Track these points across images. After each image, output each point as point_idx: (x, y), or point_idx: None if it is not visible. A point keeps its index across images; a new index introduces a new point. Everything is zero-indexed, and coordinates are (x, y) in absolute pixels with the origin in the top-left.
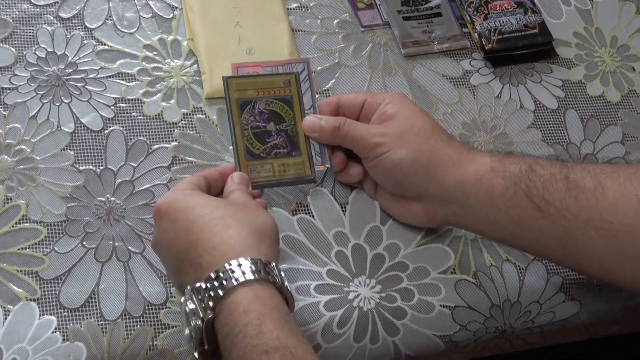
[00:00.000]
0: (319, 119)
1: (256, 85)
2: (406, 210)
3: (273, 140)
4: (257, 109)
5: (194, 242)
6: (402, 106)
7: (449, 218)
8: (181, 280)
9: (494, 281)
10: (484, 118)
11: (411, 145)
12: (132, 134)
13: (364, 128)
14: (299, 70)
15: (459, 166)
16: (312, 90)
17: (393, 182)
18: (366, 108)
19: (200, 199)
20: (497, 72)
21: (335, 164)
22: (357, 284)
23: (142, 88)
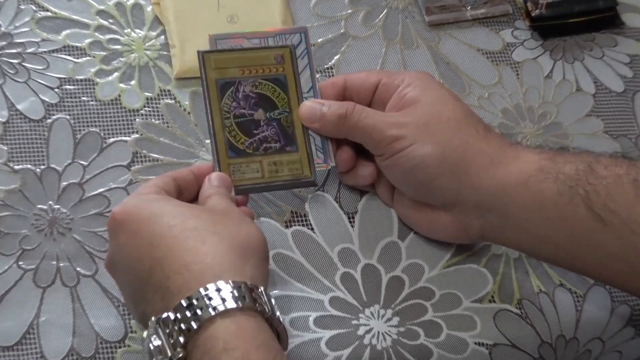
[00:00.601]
0: (320, 104)
1: (240, 62)
2: (431, 221)
3: (262, 132)
4: (241, 93)
5: (161, 261)
6: (426, 89)
7: (486, 232)
8: (143, 309)
9: (543, 312)
10: (530, 104)
11: (438, 139)
12: (82, 124)
13: (377, 117)
14: (295, 42)
15: (498, 166)
16: (311, 68)
17: (415, 185)
18: (381, 91)
19: (169, 205)
20: (546, 45)
21: (341, 163)
22: (369, 315)
23: (95, 66)
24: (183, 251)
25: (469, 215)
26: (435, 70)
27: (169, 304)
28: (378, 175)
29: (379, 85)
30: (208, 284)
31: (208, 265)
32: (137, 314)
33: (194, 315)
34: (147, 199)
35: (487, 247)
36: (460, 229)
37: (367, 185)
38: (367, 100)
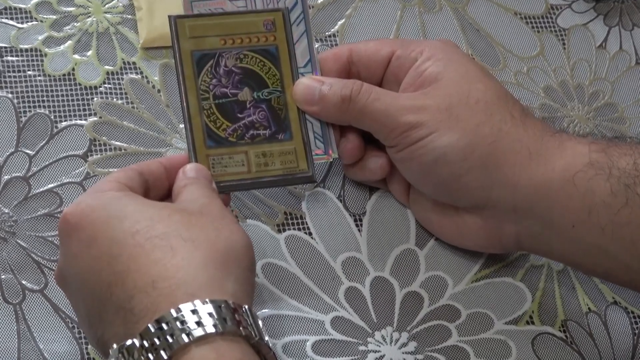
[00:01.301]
0: (319, 82)
1: (221, 29)
2: (456, 226)
3: (248, 116)
4: (222, 67)
5: (122, 276)
6: (450, 63)
7: (523, 241)
8: (102, 333)
9: (593, 336)
10: (579, 80)
11: (464, 127)
12: (27, 105)
13: (389, 99)
14: (290, 5)
15: (538, 159)
16: (309, 37)
17: (436, 184)
18: (394, 65)
19: (132, 205)
20: (599, 8)
21: (345, 154)
22: (380, 339)
23: (43, 32)
24: (149, 264)
25: (502, 220)
26: (462, 38)
27: (133, 329)
28: (391, 169)
29: (393, 58)
30: (181, 304)
31: (180, 281)
32: (94, 339)
33: (165, 342)
34: (106, 198)
35: (524, 257)
36: (492, 236)
37: (377, 180)
38: (377, 77)
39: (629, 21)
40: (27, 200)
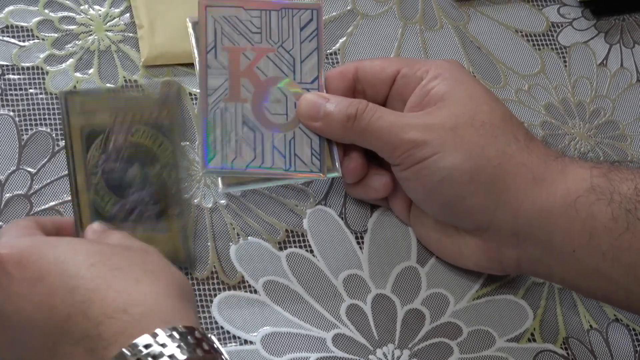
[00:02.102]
0: (324, 99)
1: (112, 105)
2: (457, 246)
3: (138, 191)
4: (113, 143)
5: (84, 306)
6: (456, 83)
7: (524, 264)
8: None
9: (595, 353)
10: (580, 97)
11: (469, 148)
12: (29, 123)
13: (394, 117)
14: (304, 21)
15: (542, 184)
16: (319, 55)
17: (440, 205)
18: (400, 84)
19: (78, 244)
20: (600, 26)
21: (349, 173)
22: (382, 357)
23: (45, 50)
24: (114, 293)
25: (504, 243)
26: (463, 56)
27: (101, 355)
28: (394, 187)
29: (398, 76)
30: (156, 328)
31: (150, 308)
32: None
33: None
34: (44, 238)
35: (525, 275)
36: (493, 259)
37: (380, 199)
38: (382, 95)
39: (630, 39)
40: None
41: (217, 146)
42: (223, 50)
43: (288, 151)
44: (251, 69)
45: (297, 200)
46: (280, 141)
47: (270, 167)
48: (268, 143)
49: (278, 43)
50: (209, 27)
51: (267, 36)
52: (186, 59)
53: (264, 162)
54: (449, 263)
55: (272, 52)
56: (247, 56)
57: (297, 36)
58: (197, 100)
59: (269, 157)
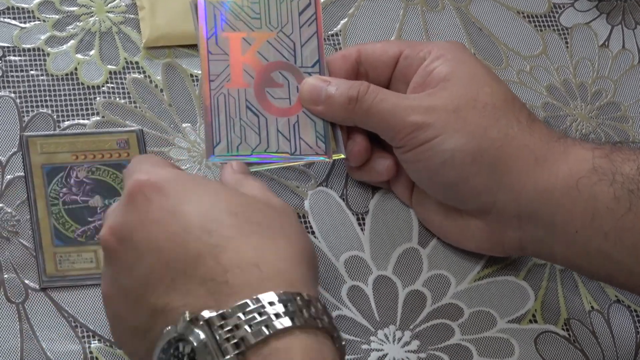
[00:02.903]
0: (325, 82)
1: (74, 146)
2: (459, 229)
3: (99, 220)
4: (73, 178)
5: (217, 250)
6: (459, 64)
7: (526, 245)
8: (164, 301)
9: (596, 334)
10: (581, 79)
11: (472, 129)
12: (30, 104)
13: (396, 99)
14: (302, 5)
15: (543, 165)
16: (319, 39)
17: (442, 186)
18: (402, 65)
19: (223, 188)
20: (602, 7)
21: (353, 156)
22: (383, 338)
23: (45, 32)
24: (250, 247)
25: (506, 225)
26: (464, 37)
27: (222, 301)
28: (397, 170)
29: (401, 58)
30: (283, 289)
31: (282, 270)
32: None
33: (268, 320)
34: (190, 175)
35: (527, 256)
36: (495, 240)
37: (383, 182)
38: (385, 77)
39: (632, 20)
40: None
41: (222, 132)
42: (223, 36)
43: (293, 135)
44: (252, 54)
45: (298, 182)
46: (284, 125)
47: (276, 151)
48: (272, 127)
49: (278, 28)
50: (209, 13)
51: (267, 21)
52: (187, 40)
53: (269, 146)
54: (450, 245)
55: (272, 37)
56: (247, 41)
57: (296, 21)
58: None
59: (274, 141)
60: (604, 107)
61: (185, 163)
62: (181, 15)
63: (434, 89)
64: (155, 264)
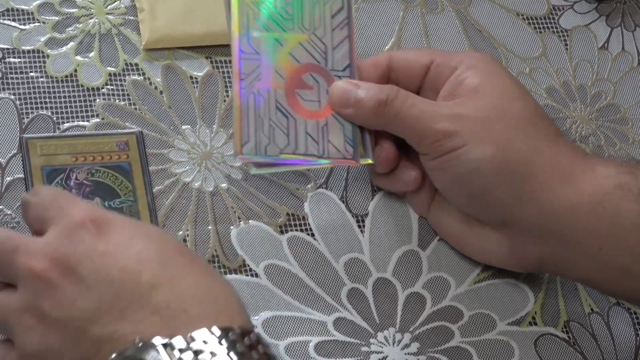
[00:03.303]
0: (354, 86)
1: (73, 148)
2: (480, 242)
3: None
4: (73, 180)
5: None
6: (490, 76)
7: (546, 261)
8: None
9: (596, 337)
10: (581, 81)
11: (499, 140)
12: (30, 106)
13: (425, 106)
14: (335, 8)
15: (570, 181)
16: (350, 42)
17: (465, 195)
18: (433, 74)
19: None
20: (602, 9)
21: (380, 162)
22: (383, 340)
23: (45, 34)
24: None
25: (527, 240)
26: (464, 39)
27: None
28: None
29: (432, 66)
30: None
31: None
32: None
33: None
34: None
35: None
36: (515, 255)
37: (409, 191)
38: (416, 84)
39: (631, 22)
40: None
41: (251, 131)
42: (255, 36)
43: (321, 137)
44: (284, 55)
45: (298, 184)
46: (313, 127)
47: (304, 153)
48: (301, 129)
49: (310, 30)
50: (242, 12)
51: (300, 23)
52: (187, 42)
53: (297, 147)
54: (450, 247)
55: (305, 39)
56: (279, 42)
57: (329, 24)
58: (198, 84)
59: (302, 142)
60: (604, 109)
61: (185, 165)
62: (181, 17)
63: (464, 99)
64: (104, 295)
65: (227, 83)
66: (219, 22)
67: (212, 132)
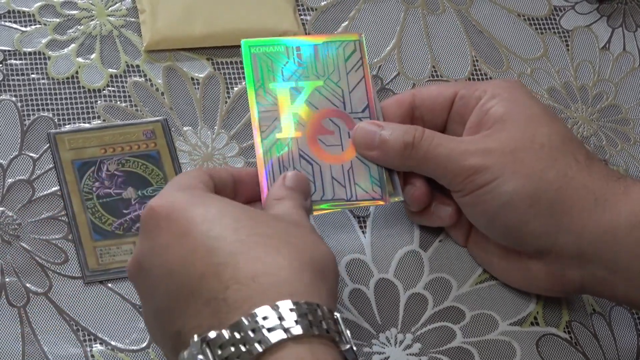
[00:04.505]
0: (378, 127)
1: (101, 140)
2: (520, 271)
3: (134, 211)
4: (104, 172)
5: (219, 268)
6: (515, 103)
7: (587, 285)
8: (182, 326)
9: (598, 337)
10: (582, 82)
11: (529, 172)
12: (31, 108)
13: (452, 144)
14: (348, 52)
15: (604, 205)
16: (366, 83)
17: (501, 228)
18: (458, 105)
19: (230, 206)
20: (603, 10)
21: (413, 201)
22: (384, 341)
23: (46, 35)
24: (250, 259)
25: (567, 266)
26: (465, 40)
27: (222, 320)
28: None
29: (456, 98)
30: (279, 300)
31: (281, 279)
32: (166, 333)
33: (260, 335)
34: (199, 195)
35: None
36: (556, 282)
37: (445, 226)
38: (442, 119)
39: (633, 22)
40: (31, 203)
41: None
42: (271, 87)
43: (348, 181)
44: (301, 103)
45: None
46: (338, 172)
47: (332, 198)
48: (327, 175)
49: (325, 75)
50: (255, 65)
51: (313, 70)
52: (188, 43)
53: (324, 194)
54: (452, 247)
55: (320, 85)
56: (296, 90)
57: (343, 67)
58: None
59: (329, 188)
60: (605, 109)
61: (187, 166)
62: (182, 19)
63: (490, 131)
64: (170, 288)
65: (228, 84)
66: (220, 24)
67: (213, 133)
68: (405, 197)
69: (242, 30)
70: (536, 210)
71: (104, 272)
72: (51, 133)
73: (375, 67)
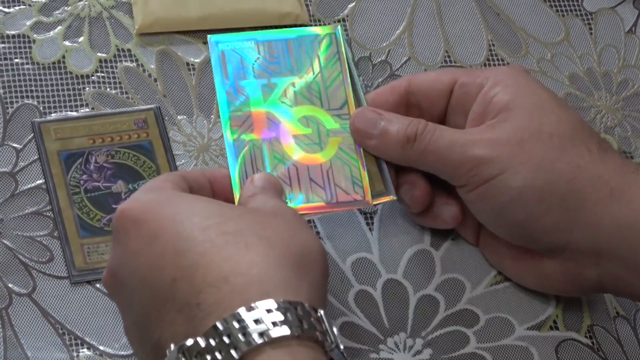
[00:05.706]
0: (378, 115)
1: (89, 130)
2: (534, 271)
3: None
4: (93, 164)
5: (189, 271)
6: (520, 90)
7: (606, 283)
8: (159, 335)
9: (621, 342)
10: (607, 67)
11: (538, 163)
12: (14, 95)
13: (454, 134)
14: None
15: (620, 198)
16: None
17: (510, 225)
18: (458, 94)
19: (200, 203)
20: None
21: (414, 202)
22: (393, 347)
23: (31, 17)
24: (221, 259)
25: (583, 263)
26: (481, 23)
27: (197, 327)
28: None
29: (456, 86)
30: (254, 301)
31: (255, 278)
32: (146, 345)
33: (236, 340)
34: (168, 195)
35: None
36: (572, 281)
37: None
38: (440, 108)
39: None
40: (14, 197)
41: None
42: (242, 84)
43: (327, 182)
44: (275, 101)
45: None
46: (316, 173)
47: (311, 201)
48: (304, 176)
49: (299, 72)
50: (224, 62)
51: (286, 65)
52: (183, 26)
53: (301, 197)
54: (465, 246)
55: (295, 82)
56: (268, 88)
57: (317, 63)
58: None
59: (307, 191)
60: (631, 97)
61: (181, 158)
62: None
63: (495, 120)
64: (143, 297)
65: None
66: (217, 5)
67: (210, 122)
68: (405, 198)
69: (240, 11)
70: (547, 204)
71: (92, 272)
72: (36, 122)
73: (384, 52)
